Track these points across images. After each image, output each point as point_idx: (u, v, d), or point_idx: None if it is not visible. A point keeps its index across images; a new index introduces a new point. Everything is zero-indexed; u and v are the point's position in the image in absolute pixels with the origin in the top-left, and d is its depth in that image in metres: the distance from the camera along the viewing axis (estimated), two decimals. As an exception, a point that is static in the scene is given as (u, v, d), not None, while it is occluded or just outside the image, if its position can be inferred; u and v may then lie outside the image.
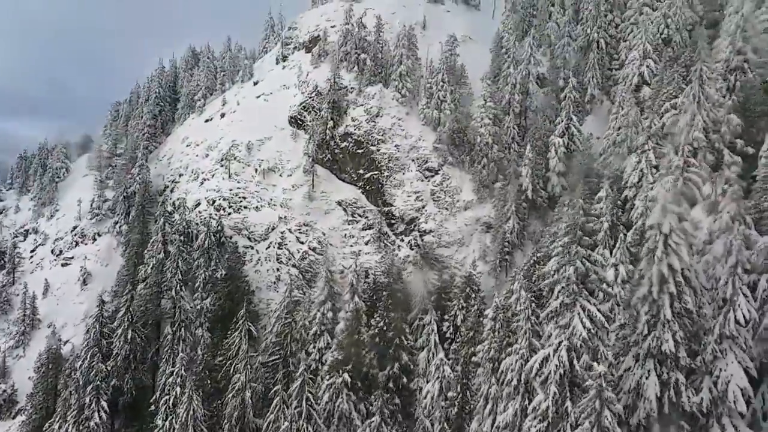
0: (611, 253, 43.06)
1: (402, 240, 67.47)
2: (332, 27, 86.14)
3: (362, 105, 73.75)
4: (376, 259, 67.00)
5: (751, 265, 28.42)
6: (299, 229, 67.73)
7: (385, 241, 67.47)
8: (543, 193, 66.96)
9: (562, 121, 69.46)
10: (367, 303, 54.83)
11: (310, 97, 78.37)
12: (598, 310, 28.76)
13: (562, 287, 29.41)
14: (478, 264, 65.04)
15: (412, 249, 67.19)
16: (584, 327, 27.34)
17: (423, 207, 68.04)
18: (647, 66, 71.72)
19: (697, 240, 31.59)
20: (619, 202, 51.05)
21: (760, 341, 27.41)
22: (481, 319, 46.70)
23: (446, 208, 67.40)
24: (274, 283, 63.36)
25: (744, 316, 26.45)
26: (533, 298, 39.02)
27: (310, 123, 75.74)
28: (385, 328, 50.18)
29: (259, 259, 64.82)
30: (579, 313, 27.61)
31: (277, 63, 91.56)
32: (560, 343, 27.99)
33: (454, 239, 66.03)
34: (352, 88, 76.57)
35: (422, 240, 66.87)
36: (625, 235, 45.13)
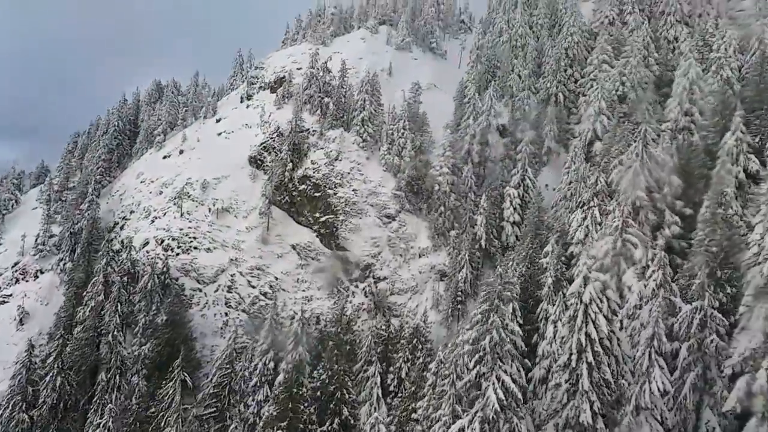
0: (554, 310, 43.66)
1: (356, 286, 67.24)
2: (298, 69, 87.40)
3: (323, 148, 74.38)
4: (329, 305, 66.58)
5: (675, 333, 29.01)
6: (251, 273, 67.08)
7: (339, 287, 67.17)
8: (497, 243, 67.82)
9: (518, 173, 71.03)
10: (312, 353, 54.26)
11: (271, 138, 78.77)
12: (514, 381, 28.62)
13: (479, 356, 29.31)
14: (431, 313, 65.05)
15: (367, 296, 67.02)
16: (497, 398, 27.27)
17: (379, 253, 68.17)
18: (601, 122, 74.25)
19: (628, 304, 32.19)
20: (564, 258, 51.79)
21: (678, 410, 27.76)
22: (425, 373, 46.47)
23: (401, 255, 67.65)
24: (221, 328, 62.26)
25: (659, 388, 26.82)
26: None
27: (270, 164, 75.91)
28: (327, 380, 49.57)
29: (206, 303, 63.80)
30: (494, 383, 27.57)
31: (241, 101, 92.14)
32: (476, 413, 27.81)
33: (408, 287, 66.10)
34: (314, 130, 77.30)
35: (376, 287, 66.80)
36: (564, 294, 45.80)
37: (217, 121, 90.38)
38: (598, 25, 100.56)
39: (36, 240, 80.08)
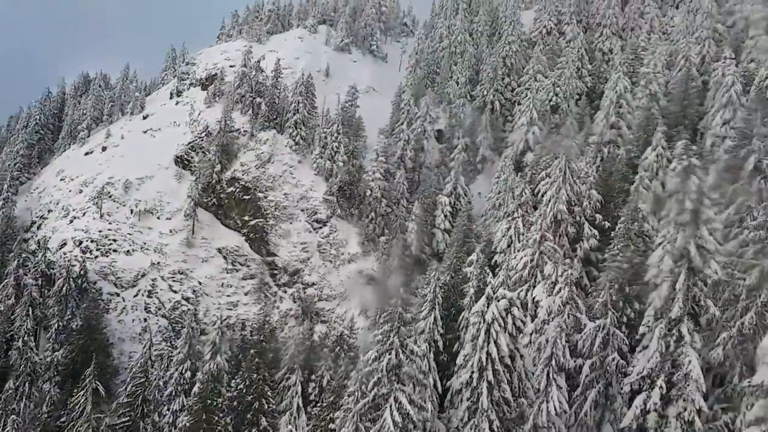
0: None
1: (285, 292, 66.45)
2: (231, 66, 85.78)
3: (253, 150, 73.16)
4: (255, 311, 65.39)
5: (579, 350, 29.77)
6: (173, 277, 65.29)
7: (266, 293, 66.19)
8: (428, 249, 68.37)
9: (451, 181, 71.79)
10: (232, 362, 53.23)
11: (199, 137, 76.95)
12: (412, 402, 28.67)
13: (378, 378, 29.25)
14: (359, 319, 64.97)
15: (295, 302, 66.34)
16: (394, 422, 27.25)
17: (308, 259, 67.58)
18: (533, 132, 75.80)
19: (537, 319, 32.82)
20: (487, 268, 52.33)
21: (579, 426, 28.49)
22: (346, 381, 46.20)
23: (331, 261, 67.27)
24: (140, 334, 60.33)
25: (555, 408, 27.46)
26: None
27: (198, 164, 74.15)
28: (245, 390, 48.66)
29: (124, 308, 61.72)
30: (392, 406, 27.59)
31: (171, 98, 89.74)
32: (375, 434, 27.79)
33: (337, 293, 65.80)
34: (245, 131, 75.98)
35: (305, 293, 66.19)
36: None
37: (144, 117, 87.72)
38: (537, 34, 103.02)
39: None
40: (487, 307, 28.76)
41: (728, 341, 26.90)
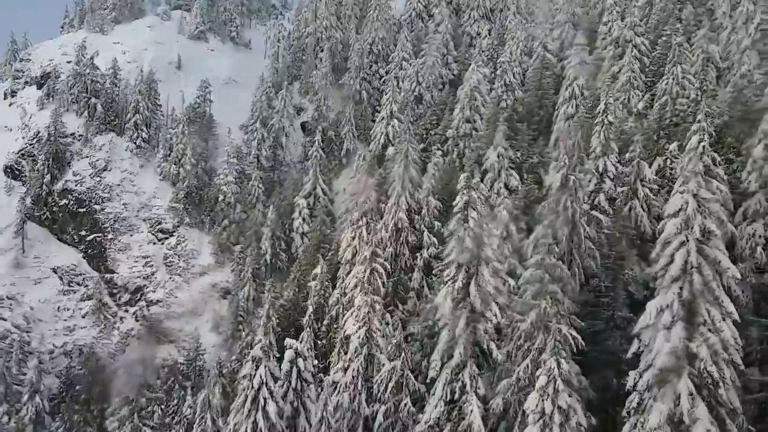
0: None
1: (126, 311, 62.54)
2: (68, 62, 79.18)
3: (87, 157, 67.92)
4: (93, 334, 61.40)
5: (374, 395, 28.86)
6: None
7: (106, 314, 62.07)
8: (284, 256, 66.11)
9: (309, 180, 69.52)
10: (54, 401, 49.71)
11: (30, 144, 70.73)
12: None
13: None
14: (211, 335, 62.35)
15: (138, 321, 62.62)
16: None
17: (153, 274, 63.87)
18: (392, 126, 74.42)
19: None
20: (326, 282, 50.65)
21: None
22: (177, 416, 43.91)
23: (179, 275, 63.89)
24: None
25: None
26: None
27: (29, 175, 68.12)
28: (65, 432, 45.50)
29: (-61, 343, 56.13)
30: None
31: (4, 98, 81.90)
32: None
33: (186, 309, 62.54)
34: (80, 136, 70.31)
35: (149, 311, 62.54)
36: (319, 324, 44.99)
37: (-26, 121, 79.74)
38: (407, 17, 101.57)
39: None
40: (255, 370, 27.07)
41: (508, 389, 26.41)
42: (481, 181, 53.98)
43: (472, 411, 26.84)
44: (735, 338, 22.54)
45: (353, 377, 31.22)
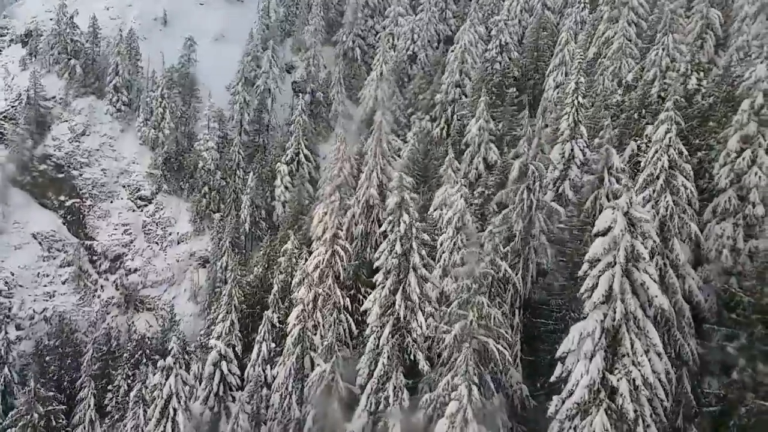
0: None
1: (106, 279, 62.13)
2: (51, 20, 76.46)
3: (67, 121, 66.26)
4: (74, 300, 61.27)
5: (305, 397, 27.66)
6: (-20, 270, 59.98)
7: (86, 281, 61.72)
8: (264, 225, 64.65)
9: (292, 146, 67.27)
10: (23, 372, 49.79)
11: (12, 106, 69.17)
12: None
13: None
14: (189, 304, 61.87)
15: (118, 289, 62.22)
16: None
17: (132, 242, 63.07)
18: (381, 89, 71.16)
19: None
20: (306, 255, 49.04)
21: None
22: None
23: (157, 243, 62.99)
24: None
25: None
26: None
27: (10, 138, 66.90)
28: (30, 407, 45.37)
29: None
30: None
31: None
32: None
33: (163, 278, 61.93)
34: (61, 98, 68.48)
35: (128, 279, 62.05)
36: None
37: (-41, 80, 78.28)
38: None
39: None
40: (166, 380, 25.82)
41: (430, 404, 24.88)
42: (462, 153, 51.59)
43: (394, 425, 25.53)
44: (658, 373, 20.47)
45: (285, 377, 29.97)
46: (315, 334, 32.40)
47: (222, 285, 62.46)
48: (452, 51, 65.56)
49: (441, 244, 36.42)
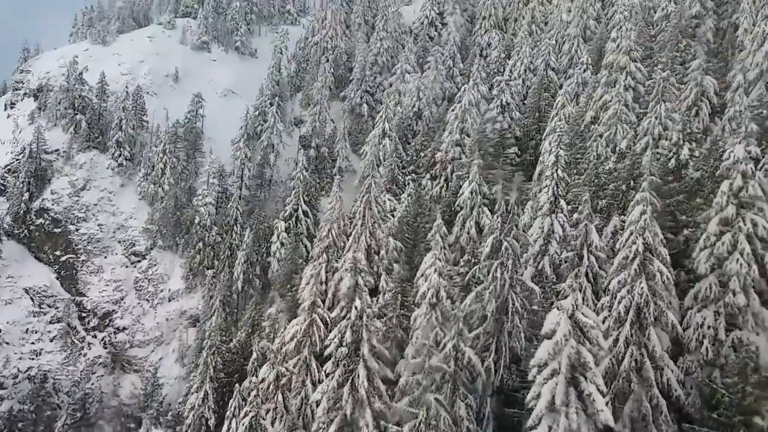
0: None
1: (94, 337, 61.21)
2: (63, 75, 78.19)
3: (68, 175, 66.76)
4: (59, 359, 60.29)
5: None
6: (-31, 325, 59.67)
7: (73, 338, 60.91)
8: (258, 283, 63.47)
9: (291, 202, 66.56)
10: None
11: (16, 159, 70.15)
12: None
13: None
14: (176, 366, 60.44)
15: (106, 348, 61.19)
16: None
17: (122, 299, 62.38)
18: (384, 146, 70.53)
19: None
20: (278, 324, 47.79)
21: None
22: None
23: (147, 300, 62.12)
24: None
25: None
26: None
27: (10, 191, 67.55)
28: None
29: None
30: None
31: (5, 110, 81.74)
32: None
33: (151, 337, 60.73)
34: (64, 152, 69.24)
35: (116, 338, 61.08)
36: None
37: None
38: (419, 26, 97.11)
39: None
40: None
41: None
42: (455, 216, 49.99)
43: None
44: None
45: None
46: (274, 420, 30.66)
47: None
48: (452, 110, 64.94)
49: (415, 321, 34.84)
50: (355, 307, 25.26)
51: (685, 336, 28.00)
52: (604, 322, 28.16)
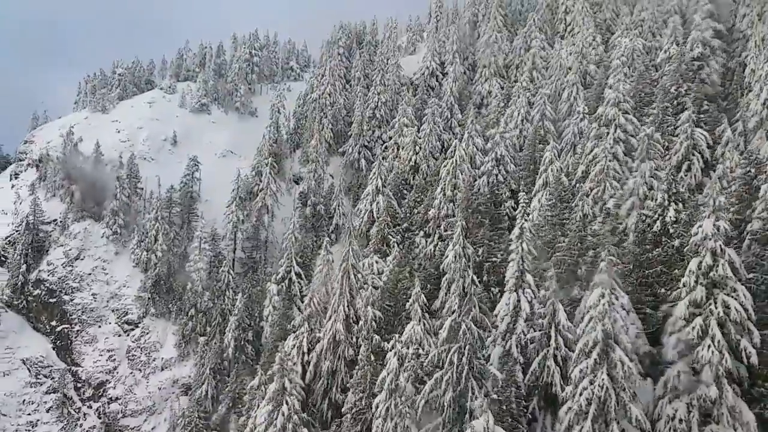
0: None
1: (89, 407, 60.70)
2: (62, 145, 79.52)
3: (63, 246, 67.35)
4: (56, 430, 59.65)
5: None
6: (-35, 400, 59.67)
7: (69, 409, 60.43)
8: (250, 349, 62.30)
9: (284, 264, 65.68)
10: None
11: (16, 230, 71.27)
12: None
13: None
14: (169, 438, 59.18)
15: (100, 418, 60.49)
16: None
17: (115, 368, 62.22)
18: (377, 203, 69.59)
19: None
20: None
21: None
22: None
23: (140, 369, 61.65)
24: None
25: None
26: None
27: (9, 262, 68.27)
28: None
29: None
30: None
31: (10, 180, 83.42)
32: None
33: (143, 407, 59.88)
34: (60, 222, 70.00)
35: (109, 408, 60.34)
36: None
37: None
38: (420, 77, 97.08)
39: None
40: None
41: None
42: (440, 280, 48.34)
43: None
44: None
45: None
46: None
47: (203, 414, 60.10)
48: (444, 166, 63.82)
49: (376, 408, 33.18)
50: (283, 413, 23.86)
51: (656, 430, 25.87)
52: (566, 414, 26.35)
